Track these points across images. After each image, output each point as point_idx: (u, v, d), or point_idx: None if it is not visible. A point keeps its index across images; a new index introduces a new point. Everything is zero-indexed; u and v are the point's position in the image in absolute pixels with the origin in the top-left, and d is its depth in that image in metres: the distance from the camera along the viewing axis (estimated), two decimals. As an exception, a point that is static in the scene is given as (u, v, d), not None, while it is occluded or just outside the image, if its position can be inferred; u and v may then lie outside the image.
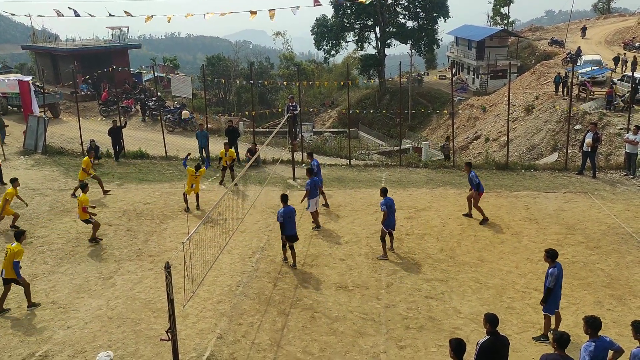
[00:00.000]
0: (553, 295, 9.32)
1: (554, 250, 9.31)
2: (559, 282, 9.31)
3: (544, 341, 9.54)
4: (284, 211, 12.20)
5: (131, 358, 9.37)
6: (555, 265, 9.22)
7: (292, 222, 12.39)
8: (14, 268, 10.71)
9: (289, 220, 12.26)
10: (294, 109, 20.94)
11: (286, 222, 12.20)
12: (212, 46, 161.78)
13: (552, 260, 9.24)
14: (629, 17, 66.15)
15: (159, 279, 11.80)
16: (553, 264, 9.23)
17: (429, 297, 11.16)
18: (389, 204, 12.64)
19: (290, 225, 12.32)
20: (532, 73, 43.96)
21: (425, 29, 55.96)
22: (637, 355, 6.88)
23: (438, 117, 47.73)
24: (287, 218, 12.20)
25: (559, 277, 9.25)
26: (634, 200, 16.33)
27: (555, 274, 9.19)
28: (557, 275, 9.20)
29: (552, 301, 9.39)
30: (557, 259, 9.28)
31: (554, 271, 9.20)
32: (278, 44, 74.98)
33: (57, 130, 28.83)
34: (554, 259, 9.23)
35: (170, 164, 21.69)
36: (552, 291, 9.26)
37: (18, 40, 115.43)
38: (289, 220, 12.24)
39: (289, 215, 12.24)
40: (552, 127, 31.09)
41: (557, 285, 9.29)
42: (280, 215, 12.16)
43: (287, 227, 12.28)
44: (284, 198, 12.56)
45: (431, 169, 20.51)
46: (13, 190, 14.87)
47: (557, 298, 9.45)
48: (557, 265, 9.25)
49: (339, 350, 9.52)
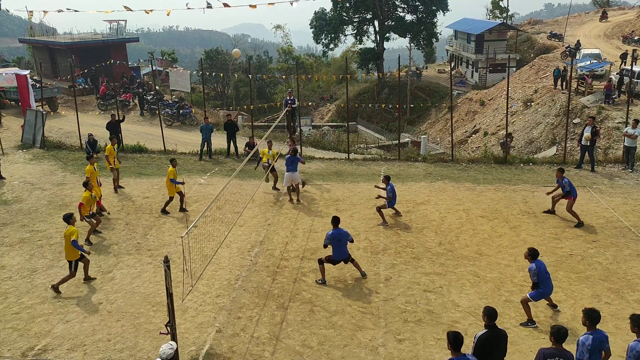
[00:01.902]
0: (540, 288, 9.75)
1: (534, 249, 9.80)
2: (543, 277, 9.71)
3: (531, 326, 9.83)
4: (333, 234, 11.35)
5: (130, 352, 9.40)
6: (534, 262, 9.68)
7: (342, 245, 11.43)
8: (74, 246, 11.28)
9: (338, 244, 11.34)
10: (293, 103, 20.92)
11: (334, 245, 11.34)
12: (211, 39, 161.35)
13: (532, 257, 9.72)
14: (628, 10, 66.03)
15: (158, 273, 11.82)
16: (532, 261, 9.71)
17: (428, 291, 11.19)
18: (393, 190, 14.50)
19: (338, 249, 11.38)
20: (531, 67, 43.92)
21: (424, 22, 55.83)
22: (634, 349, 6.89)
23: (437, 111, 47.69)
24: (336, 242, 11.32)
25: (539, 272, 9.65)
26: (632, 194, 16.36)
27: (534, 269, 9.64)
28: (535, 270, 9.63)
29: (539, 292, 9.80)
30: (554, 253, 9.42)
31: (532, 267, 9.66)
32: (277, 37, 74.88)
33: (55, 124, 28.75)
34: (534, 257, 9.70)
35: (168, 158, 21.58)
36: (538, 285, 9.70)
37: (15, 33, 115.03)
38: (337, 244, 11.34)
39: (337, 238, 11.33)
40: (551, 121, 31.10)
41: (541, 280, 9.69)
42: (328, 238, 11.38)
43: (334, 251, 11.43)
44: (335, 220, 11.60)
45: (430, 163, 20.51)
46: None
47: (545, 291, 9.85)
48: (536, 262, 9.68)
49: (337, 343, 9.55)
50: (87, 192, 13.77)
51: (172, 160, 15.75)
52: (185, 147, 23.23)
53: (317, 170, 19.65)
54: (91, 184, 14.17)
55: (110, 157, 17.00)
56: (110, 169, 17.19)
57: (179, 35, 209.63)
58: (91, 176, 15.87)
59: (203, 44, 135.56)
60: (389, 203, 14.59)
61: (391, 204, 14.64)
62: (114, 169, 17.17)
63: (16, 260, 12.91)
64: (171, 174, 15.31)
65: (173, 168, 15.40)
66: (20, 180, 18.70)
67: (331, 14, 56.70)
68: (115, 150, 17.24)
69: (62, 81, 37.19)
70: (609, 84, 29.03)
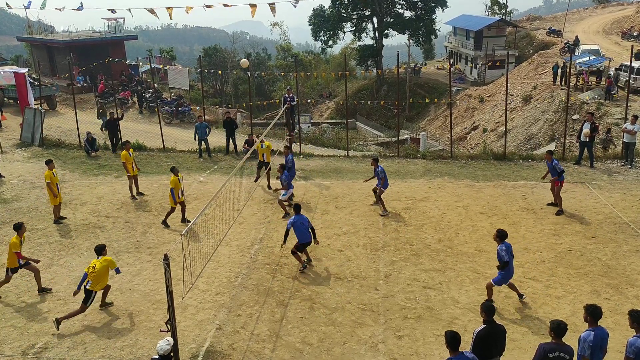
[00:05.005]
0: (506, 269, 9.91)
1: (503, 231, 9.98)
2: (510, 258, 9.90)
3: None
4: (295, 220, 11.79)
5: (131, 349, 9.42)
6: (503, 243, 9.83)
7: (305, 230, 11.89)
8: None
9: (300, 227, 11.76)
10: (292, 100, 20.89)
11: (298, 231, 11.73)
12: (209, 37, 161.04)
13: (500, 239, 9.88)
14: (627, 5, 65.95)
15: (158, 270, 11.83)
16: (501, 242, 9.84)
17: (427, 287, 11.21)
18: (384, 171, 14.88)
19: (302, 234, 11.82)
20: (530, 63, 43.90)
21: (423, 19, 55.71)
22: (633, 344, 6.89)
23: (436, 108, 47.67)
24: (299, 225, 11.73)
25: (509, 252, 9.83)
26: (631, 189, 16.37)
27: (504, 249, 9.79)
28: (506, 250, 9.79)
29: (503, 277, 9.97)
30: (553, 249, 9.42)
31: (502, 247, 9.82)
32: (275, 34, 74.66)
33: (53, 122, 28.74)
34: (502, 239, 9.87)
35: (167, 156, 21.66)
36: (506, 266, 9.87)
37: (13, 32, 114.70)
38: (300, 228, 11.75)
39: (300, 222, 11.77)
40: (550, 117, 31.10)
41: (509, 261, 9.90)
42: (291, 223, 11.76)
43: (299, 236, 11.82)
44: (297, 208, 12.14)
45: (429, 159, 20.51)
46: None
47: (509, 275, 10.05)
48: (505, 244, 9.84)
49: (337, 340, 9.57)
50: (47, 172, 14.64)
51: (172, 169, 14.51)
52: (184, 145, 23.22)
53: (317, 168, 19.65)
54: (53, 162, 15.09)
55: (127, 164, 16.23)
56: (128, 176, 16.55)
57: (177, 32, 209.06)
58: (126, 161, 16.23)
59: (201, 42, 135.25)
60: (384, 185, 14.87)
61: (385, 185, 14.92)
62: (130, 177, 16.47)
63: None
64: (172, 184, 14.16)
65: (175, 177, 14.18)
66: (19, 179, 18.69)
67: (330, 10, 56.58)
68: (131, 156, 16.34)
69: (61, 79, 37.13)
70: (609, 80, 29.02)
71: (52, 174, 14.78)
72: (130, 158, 16.31)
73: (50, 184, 14.63)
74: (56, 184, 14.82)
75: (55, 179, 14.83)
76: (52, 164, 15.07)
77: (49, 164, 15.04)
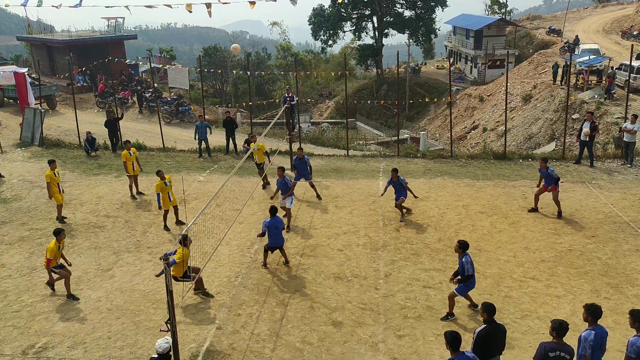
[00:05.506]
0: (469, 281, 9.78)
1: (465, 242, 9.76)
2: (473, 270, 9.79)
3: (450, 319, 9.97)
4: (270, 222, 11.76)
5: (131, 349, 9.42)
6: (465, 255, 9.65)
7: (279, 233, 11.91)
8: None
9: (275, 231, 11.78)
10: (292, 99, 20.88)
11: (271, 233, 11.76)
12: (209, 36, 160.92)
13: (462, 250, 9.66)
14: (627, 5, 65.94)
15: (158, 270, 11.81)
16: (463, 254, 9.66)
17: (427, 287, 11.21)
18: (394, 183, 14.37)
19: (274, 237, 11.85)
20: (530, 62, 43.86)
21: (423, 18, 55.71)
22: (634, 344, 6.89)
23: (436, 107, 47.66)
24: (273, 229, 11.74)
25: (472, 264, 9.71)
26: (631, 189, 16.37)
27: (470, 261, 9.63)
28: (471, 262, 9.66)
29: (467, 287, 9.84)
30: (553, 248, 9.38)
31: (468, 259, 9.63)
32: (275, 34, 74.65)
33: (53, 122, 28.72)
34: (464, 250, 9.66)
35: (167, 156, 21.66)
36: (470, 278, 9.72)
37: (13, 31, 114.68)
38: (274, 232, 11.77)
39: (275, 225, 11.76)
40: (550, 116, 31.08)
41: (473, 273, 9.78)
42: (265, 226, 11.73)
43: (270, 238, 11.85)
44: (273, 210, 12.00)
45: (429, 159, 20.51)
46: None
47: (471, 287, 9.92)
48: (467, 255, 9.67)
49: (337, 340, 9.57)
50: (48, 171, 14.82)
51: (158, 172, 14.12)
52: (184, 145, 23.21)
53: (316, 167, 19.63)
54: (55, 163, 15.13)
55: (128, 163, 16.18)
56: (128, 176, 16.51)
57: (177, 32, 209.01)
58: (127, 160, 16.10)
59: (201, 41, 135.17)
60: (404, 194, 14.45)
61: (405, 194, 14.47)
62: (130, 176, 16.42)
63: (16, 258, 12.92)
64: (157, 188, 13.79)
65: (161, 181, 13.77)
66: (19, 179, 18.69)
67: (329, 10, 56.56)
68: (131, 155, 16.21)
69: (61, 79, 37.11)
70: (610, 79, 29.00)
71: (54, 174, 14.86)
72: (130, 158, 16.26)
73: (50, 183, 14.69)
74: (57, 184, 14.89)
75: (56, 179, 14.93)
76: (54, 164, 15.15)
77: (51, 164, 15.14)
